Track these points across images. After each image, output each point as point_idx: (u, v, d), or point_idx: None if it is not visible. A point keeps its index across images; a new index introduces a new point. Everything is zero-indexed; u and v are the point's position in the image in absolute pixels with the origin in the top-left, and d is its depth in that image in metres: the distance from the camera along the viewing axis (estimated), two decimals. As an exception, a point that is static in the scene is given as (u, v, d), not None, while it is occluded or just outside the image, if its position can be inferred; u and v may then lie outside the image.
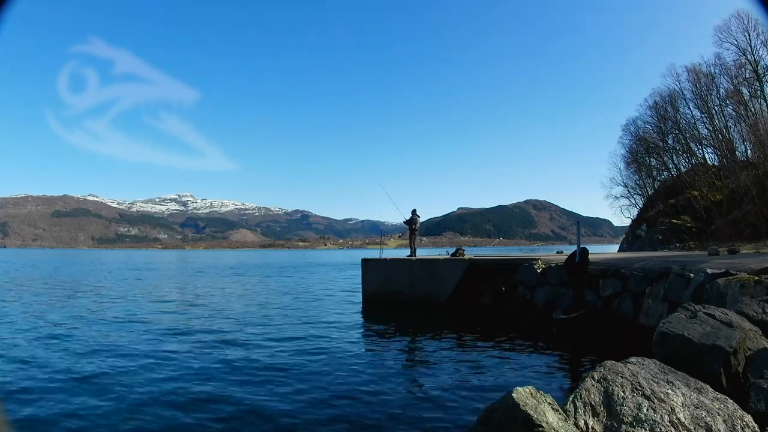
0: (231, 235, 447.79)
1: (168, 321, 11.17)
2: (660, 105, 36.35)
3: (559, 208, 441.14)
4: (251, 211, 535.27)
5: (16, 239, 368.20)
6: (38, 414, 4.87)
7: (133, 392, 5.59)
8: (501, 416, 2.36)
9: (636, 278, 8.91)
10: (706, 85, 32.55)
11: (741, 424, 2.49)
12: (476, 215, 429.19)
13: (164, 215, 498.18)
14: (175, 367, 6.77)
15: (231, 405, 5.15)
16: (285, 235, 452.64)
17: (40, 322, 10.89)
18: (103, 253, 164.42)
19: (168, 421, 4.72)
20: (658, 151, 38.20)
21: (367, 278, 14.43)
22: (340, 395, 5.48)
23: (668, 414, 2.45)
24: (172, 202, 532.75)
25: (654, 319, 7.46)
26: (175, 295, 17.83)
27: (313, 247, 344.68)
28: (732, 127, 32.01)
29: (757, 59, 29.12)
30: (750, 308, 4.42)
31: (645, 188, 40.51)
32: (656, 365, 2.94)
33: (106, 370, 6.56)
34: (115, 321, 11.11)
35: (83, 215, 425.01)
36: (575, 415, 2.47)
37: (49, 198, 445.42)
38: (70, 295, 17.23)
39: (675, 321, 3.83)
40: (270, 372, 6.51)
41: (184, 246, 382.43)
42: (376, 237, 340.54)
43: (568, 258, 10.10)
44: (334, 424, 4.63)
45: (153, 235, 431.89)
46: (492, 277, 13.24)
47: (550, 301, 10.85)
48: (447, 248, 20.77)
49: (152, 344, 8.41)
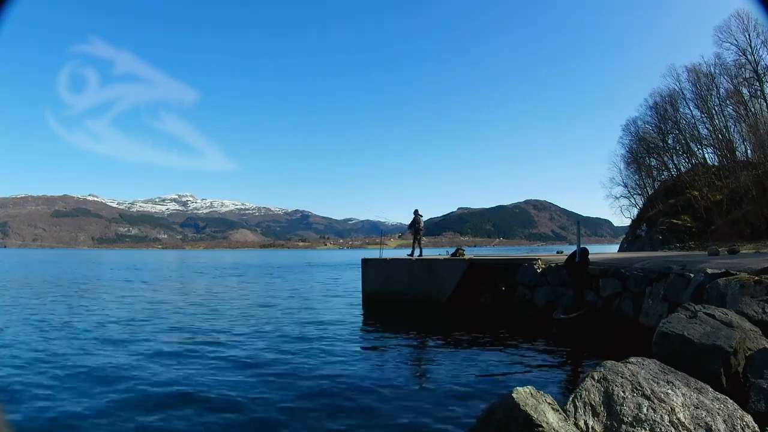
0: (231, 235, 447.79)
1: (168, 321, 11.17)
2: (660, 105, 36.40)
3: (559, 208, 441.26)
4: (251, 211, 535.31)
5: (16, 239, 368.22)
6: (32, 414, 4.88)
7: (118, 394, 5.59)
8: (501, 416, 2.36)
9: (636, 278, 8.90)
10: (706, 85, 32.58)
11: (741, 424, 2.49)
12: (476, 215, 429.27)
13: (164, 215, 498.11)
14: (173, 367, 6.77)
15: (228, 404, 5.14)
16: (285, 235, 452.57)
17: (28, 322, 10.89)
18: (103, 253, 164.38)
19: (166, 422, 4.72)
20: (658, 151, 38.21)
21: (367, 278, 14.43)
22: (339, 395, 5.48)
23: (668, 414, 2.45)
24: (172, 202, 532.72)
25: (654, 319, 7.45)
26: (176, 296, 17.83)
27: (313, 247, 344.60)
28: (732, 127, 32.07)
29: (757, 59, 29.15)
30: (750, 308, 4.42)
31: (645, 188, 40.54)
32: (656, 365, 2.94)
33: (105, 369, 6.57)
34: (117, 321, 11.11)
35: (83, 215, 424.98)
36: (575, 415, 2.47)
37: (49, 198, 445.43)
38: (63, 294, 17.24)
39: (675, 321, 3.83)
40: (269, 372, 6.50)
41: (184, 246, 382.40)
42: (376, 237, 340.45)
43: (568, 258, 10.10)
44: (333, 424, 4.63)
45: (153, 235, 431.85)
46: (492, 277, 13.24)
47: (550, 301, 10.85)
48: (447, 248, 20.76)
49: (151, 345, 8.41)
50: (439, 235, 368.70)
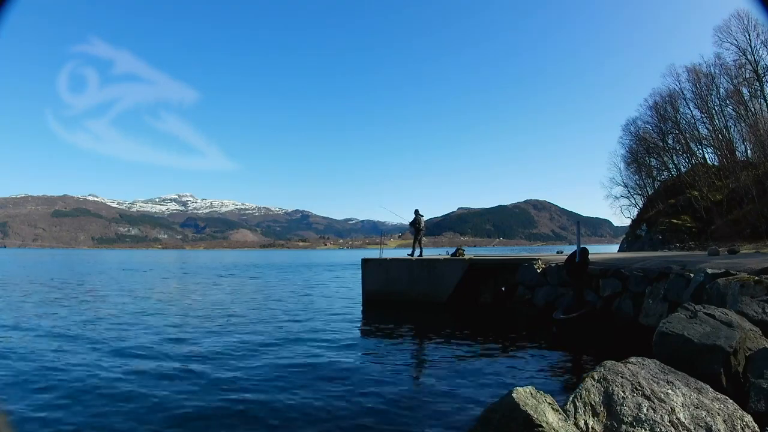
0: (231, 235, 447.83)
1: (168, 321, 11.17)
2: (660, 105, 36.42)
3: (559, 208, 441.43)
4: (251, 211, 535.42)
5: (16, 239, 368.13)
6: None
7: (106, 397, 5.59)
8: (501, 416, 2.36)
9: (636, 278, 8.90)
10: (706, 85, 32.58)
11: (741, 424, 2.49)
12: (476, 215, 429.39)
13: (164, 215, 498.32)
14: (173, 366, 6.78)
15: (226, 404, 5.14)
16: (285, 235, 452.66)
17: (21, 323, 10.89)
18: (103, 253, 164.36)
19: (169, 422, 4.72)
20: (658, 151, 38.23)
21: (367, 278, 14.43)
22: (339, 395, 5.47)
23: (668, 414, 2.45)
24: (172, 202, 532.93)
25: (654, 319, 7.46)
26: (176, 295, 17.83)
27: (313, 247, 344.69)
28: (732, 127, 32.08)
29: (757, 59, 29.17)
30: (750, 308, 4.42)
31: (645, 188, 40.56)
32: (656, 365, 2.94)
33: (105, 370, 6.57)
34: (118, 323, 11.12)
35: (83, 215, 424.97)
36: (575, 415, 2.47)
37: (49, 198, 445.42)
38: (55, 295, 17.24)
39: (675, 321, 3.83)
40: (268, 372, 6.50)
41: (184, 246, 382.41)
42: (376, 237, 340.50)
43: (568, 258, 10.10)
44: (333, 424, 4.63)
45: (153, 235, 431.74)
46: (492, 277, 13.24)
47: (550, 301, 10.86)
48: (447, 248, 20.76)
49: (149, 345, 8.41)
50: (439, 235, 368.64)
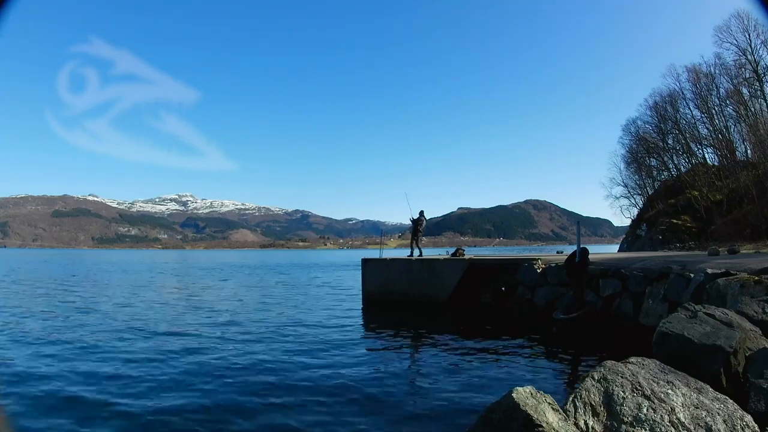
0: (231, 235, 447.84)
1: (169, 321, 11.17)
2: (660, 105, 36.45)
3: (559, 208, 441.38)
4: (251, 211, 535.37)
5: (16, 239, 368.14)
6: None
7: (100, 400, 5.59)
8: (501, 416, 2.36)
9: (636, 278, 8.90)
10: (706, 85, 32.61)
11: (741, 424, 2.49)
12: (476, 215, 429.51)
13: (164, 215, 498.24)
14: (171, 366, 6.77)
15: (226, 404, 5.14)
16: (285, 235, 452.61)
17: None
18: (103, 253, 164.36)
19: (168, 423, 4.72)
20: (658, 151, 38.26)
21: (367, 278, 14.43)
22: (339, 395, 5.47)
23: (668, 414, 2.44)
24: (172, 202, 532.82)
25: (654, 319, 7.45)
26: (177, 295, 17.82)
27: (313, 247, 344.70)
28: (732, 127, 32.11)
29: (757, 59, 29.19)
30: (750, 308, 4.41)
31: (645, 188, 40.58)
32: (656, 365, 2.94)
33: (105, 371, 6.57)
34: (118, 325, 11.12)
35: (83, 215, 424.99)
36: (575, 415, 2.47)
37: (49, 198, 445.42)
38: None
39: (675, 321, 3.82)
40: (268, 372, 6.50)
41: (184, 246, 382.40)
42: (376, 237, 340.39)
43: (568, 258, 10.10)
44: (332, 423, 4.63)
45: (153, 235, 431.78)
46: (492, 277, 13.24)
47: (550, 301, 10.85)
48: (447, 248, 20.76)
49: (149, 346, 8.42)
50: (439, 235, 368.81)
